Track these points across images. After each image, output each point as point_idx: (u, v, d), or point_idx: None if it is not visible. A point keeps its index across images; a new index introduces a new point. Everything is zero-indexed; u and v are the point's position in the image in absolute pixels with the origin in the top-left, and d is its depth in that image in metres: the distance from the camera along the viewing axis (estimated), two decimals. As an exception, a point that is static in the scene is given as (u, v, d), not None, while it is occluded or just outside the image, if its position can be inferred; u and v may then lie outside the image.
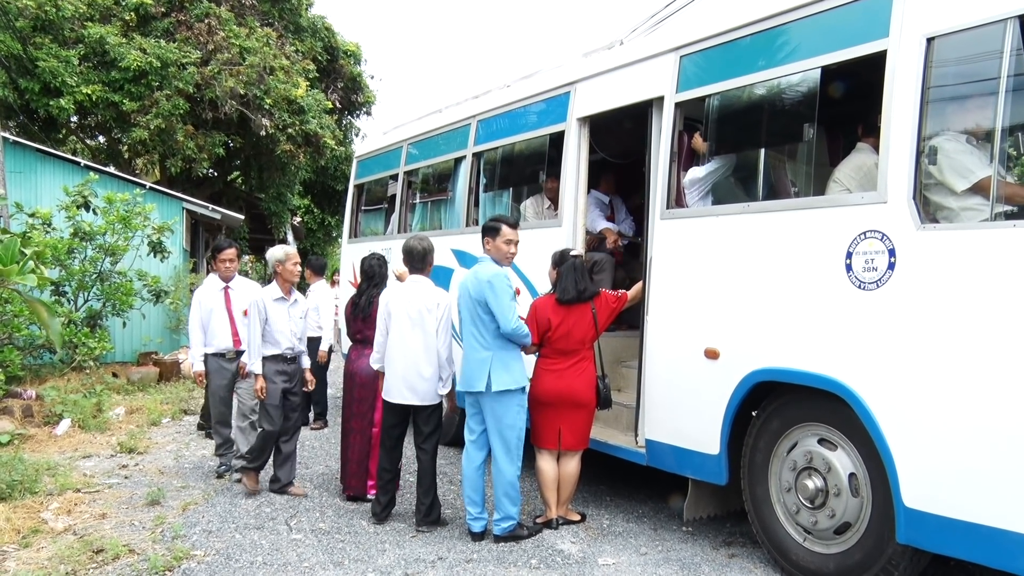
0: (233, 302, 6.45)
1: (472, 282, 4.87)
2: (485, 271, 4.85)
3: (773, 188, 4.77)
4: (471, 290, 4.85)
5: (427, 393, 5.08)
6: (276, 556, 4.65)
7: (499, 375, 4.76)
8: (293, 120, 17.12)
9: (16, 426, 7.66)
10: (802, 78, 4.25)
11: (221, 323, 6.40)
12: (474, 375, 4.82)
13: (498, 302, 4.73)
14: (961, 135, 3.57)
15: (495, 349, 4.80)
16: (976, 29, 3.40)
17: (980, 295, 3.32)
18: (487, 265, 4.91)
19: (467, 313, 4.92)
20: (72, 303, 10.62)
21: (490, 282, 4.75)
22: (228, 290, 6.50)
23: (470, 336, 4.90)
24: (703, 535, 5.06)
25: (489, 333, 4.81)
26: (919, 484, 3.53)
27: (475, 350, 4.85)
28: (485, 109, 7.06)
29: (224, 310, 6.42)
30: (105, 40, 15.05)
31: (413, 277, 5.20)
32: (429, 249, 5.21)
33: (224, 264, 6.54)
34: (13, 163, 12.06)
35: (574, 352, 4.99)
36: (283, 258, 5.92)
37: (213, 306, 6.40)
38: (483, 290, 4.76)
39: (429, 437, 5.18)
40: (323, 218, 27.40)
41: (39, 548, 4.74)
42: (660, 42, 5.19)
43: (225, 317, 6.42)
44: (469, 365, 4.87)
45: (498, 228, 4.95)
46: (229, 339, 6.39)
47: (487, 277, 4.79)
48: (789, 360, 4.13)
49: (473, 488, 4.95)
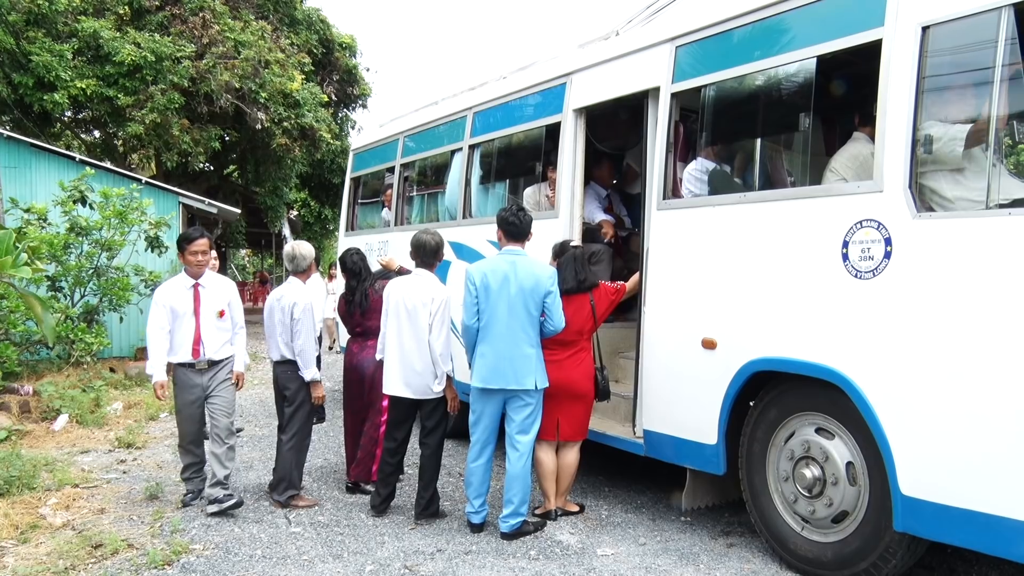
0: (203, 303, 5.38)
1: (525, 276, 4.69)
2: (541, 268, 4.77)
3: (769, 178, 4.77)
4: (524, 285, 4.68)
5: (420, 387, 5.06)
6: (275, 549, 4.66)
7: (541, 374, 4.76)
8: (289, 114, 17.08)
9: (13, 422, 7.64)
10: (798, 68, 4.24)
11: (187, 328, 5.33)
12: (522, 372, 4.70)
13: (558, 300, 4.73)
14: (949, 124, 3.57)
15: (537, 347, 4.77)
16: (971, 17, 3.39)
17: (976, 283, 3.32)
18: (534, 261, 4.82)
19: (505, 308, 4.69)
20: (69, 299, 10.60)
21: (552, 278, 4.74)
22: (199, 288, 5.39)
23: (507, 331, 4.70)
24: (701, 525, 5.07)
25: (534, 329, 4.75)
26: (916, 472, 3.54)
27: (519, 347, 4.70)
28: (481, 101, 7.04)
29: (192, 313, 5.35)
30: (99, 34, 14.99)
31: (418, 271, 5.17)
32: (441, 244, 5.18)
33: (195, 257, 5.37)
34: (8, 158, 12.02)
35: (572, 343, 4.98)
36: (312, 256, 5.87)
37: (180, 308, 5.32)
38: (545, 286, 4.69)
39: (432, 432, 5.17)
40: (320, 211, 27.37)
41: (38, 544, 4.75)
42: (656, 32, 5.18)
43: (192, 322, 5.34)
44: (514, 363, 4.69)
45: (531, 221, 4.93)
46: (191, 348, 5.32)
47: (549, 274, 4.76)
48: (786, 350, 4.14)
49: (477, 481, 4.93)
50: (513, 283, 4.69)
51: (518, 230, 4.85)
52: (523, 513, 4.86)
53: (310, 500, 5.56)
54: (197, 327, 5.33)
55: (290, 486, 5.49)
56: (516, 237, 4.87)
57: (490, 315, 4.74)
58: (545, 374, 4.79)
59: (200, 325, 5.34)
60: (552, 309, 4.71)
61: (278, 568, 4.37)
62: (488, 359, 4.75)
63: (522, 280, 4.68)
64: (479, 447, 4.92)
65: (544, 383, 4.77)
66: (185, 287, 5.39)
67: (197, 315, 5.35)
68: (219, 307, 5.45)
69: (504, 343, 4.71)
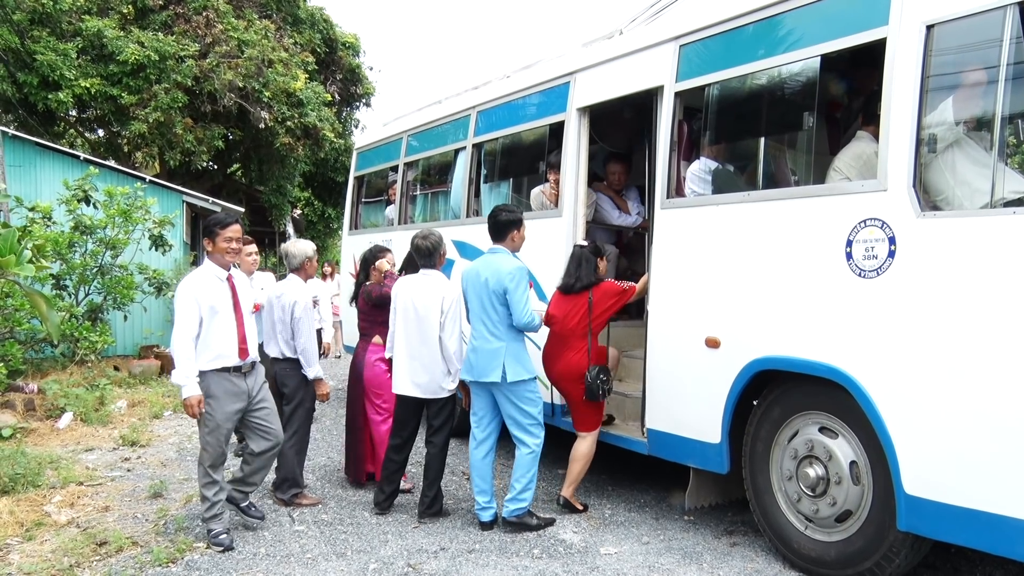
0: (241, 295, 4.79)
1: (490, 273, 4.84)
2: (506, 263, 4.85)
3: (773, 177, 4.77)
4: (488, 281, 4.83)
5: (429, 386, 5.08)
6: (279, 548, 4.67)
7: (513, 366, 4.80)
8: (292, 113, 17.08)
9: (18, 420, 7.66)
10: (802, 67, 4.24)
11: (228, 327, 4.67)
12: (487, 366, 4.83)
13: (517, 295, 4.77)
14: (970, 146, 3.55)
15: (508, 340, 4.83)
16: (976, 16, 3.38)
17: (981, 282, 3.32)
18: (505, 257, 4.92)
19: (478, 303, 4.91)
20: (73, 297, 10.62)
21: (511, 274, 4.78)
22: (232, 280, 4.77)
23: (481, 326, 4.90)
24: (705, 524, 5.07)
25: (503, 324, 4.84)
26: (920, 471, 3.54)
27: (486, 340, 4.86)
28: (485, 100, 7.04)
29: (231, 308, 4.71)
30: (103, 33, 15.00)
31: (425, 271, 5.19)
32: (435, 245, 5.18)
33: (228, 244, 4.73)
34: (12, 157, 12.04)
35: (566, 339, 5.09)
36: (312, 254, 5.75)
37: (219, 304, 4.64)
38: (503, 282, 4.78)
39: (438, 431, 5.19)
40: (323, 210, 27.36)
41: (42, 541, 4.76)
42: (660, 31, 5.17)
43: (232, 318, 4.70)
44: (480, 356, 4.87)
45: (522, 221, 5.03)
46: (236, 348, 4.69)
47: (509, 270, 4.80)
48: (790, 348, 4.14)
49: (480, 476, 4.99)
50: (482, 280, 4.87)
51: (493, 229, 5.02)
52: (524, 500, 4.90)
53: (313, 498, 5.56)
54: (240, 324, 4.71)
55: (293, 484, 5.50)
56: (494, 236, 5.03)
57: (471, 312, 4.97)
58: (524, 367, 4.83)
59: (243, 321, 4.74)
60: (512, 304, 4.78)
61: (282, 566, 4.38)
62: (469, 354, 4.98)
63: (488, 277, 4.84)
64: (476, 440, 5.05)
65: (520, 376, 4.80)
66: (219, 279, 4.70)
67: (238, 310, 4.73)
68: (254, 300, 5.15)
69: (477, 338, 4.92)
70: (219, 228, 4.71)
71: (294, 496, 5.48)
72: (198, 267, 4.84)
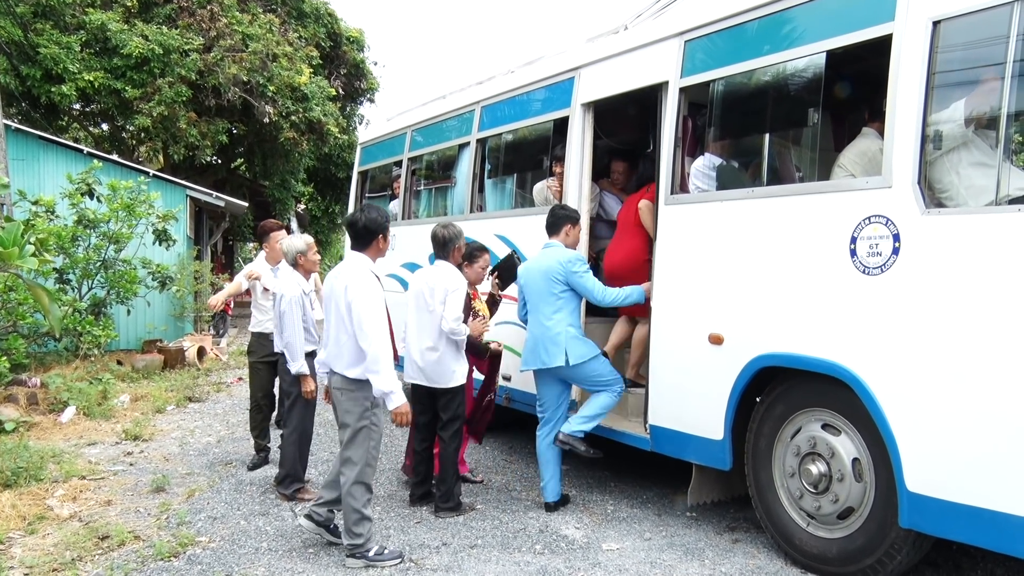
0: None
1: (546, 262, 5.11)
2: (560, 253, 5.13)
3: (777, 173, 4.75)
4: (545, 270, 5.09)
5: (433, 374, 5.10)
6: (281, 542, 4.67)
7: (575, 348, 5.02)
8: (296, 107, 17.09)
9: (21, 414, 7.68)
10: (807, 63, 4.22)
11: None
12: (548, 352, 5.05)
13: (585, 279, 5.05)
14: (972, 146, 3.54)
15: (564, 325, 5.06)
16: (982, 12, 3.36)
17: (985, 279, 3.31)
18: (558, 249, 5.18)
19: (535, 294, 5.15)
20: (76, 291, 10.64)
21: (571, 261, 5.07)
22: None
23: (538, 314, 5.14)
24: (707, 520, 5.07)
25: (561, 311, 5.07)
26: (922, 469, 3.53)
27: (544, 328, 5.09)
28: (489, 95, 7.02)
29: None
30: (107, 26, 15.02)
31: (439, 262, 5.26)
32: (450, 238, 5.23)
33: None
34: (16, 150, 12.05)
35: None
36: (304, 248, 5.63)
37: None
38: (558, 269, 5.05)
39: (448, 424, 5.20)
40: (327, 205, 27.38)
41: (45, 535, 4.77)
42: (664, 27, 5.15)
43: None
44: (539, 343, 5.10)
45: (578, 219, 5.32)
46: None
47: (567, 257, 5.08)
48: (793, 345, 4.13)
49: (544, 464, 5.25)
50: (541, 270, 5.13)
51: (550, 224, 5.30)
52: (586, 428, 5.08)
53: (316, 493, 5.56)
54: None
55: (295, 480, 5.50)
56: (549, 231, 5.29)
57: (529, 304, 5.25)
58: (586, 347, 5.07)
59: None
60: (583, 289, 5.07)
61: (284, 561, 4.39)
62: (527, 343, 5.26)
63: (545, 266, 5.11)
64: (541, 425, 5.31)
65: (582, 357, 5.01)
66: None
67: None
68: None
69: (535, 327, 5.19)
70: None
71: (296, 491, 5.48)
72: (359, 263, 4.42)
